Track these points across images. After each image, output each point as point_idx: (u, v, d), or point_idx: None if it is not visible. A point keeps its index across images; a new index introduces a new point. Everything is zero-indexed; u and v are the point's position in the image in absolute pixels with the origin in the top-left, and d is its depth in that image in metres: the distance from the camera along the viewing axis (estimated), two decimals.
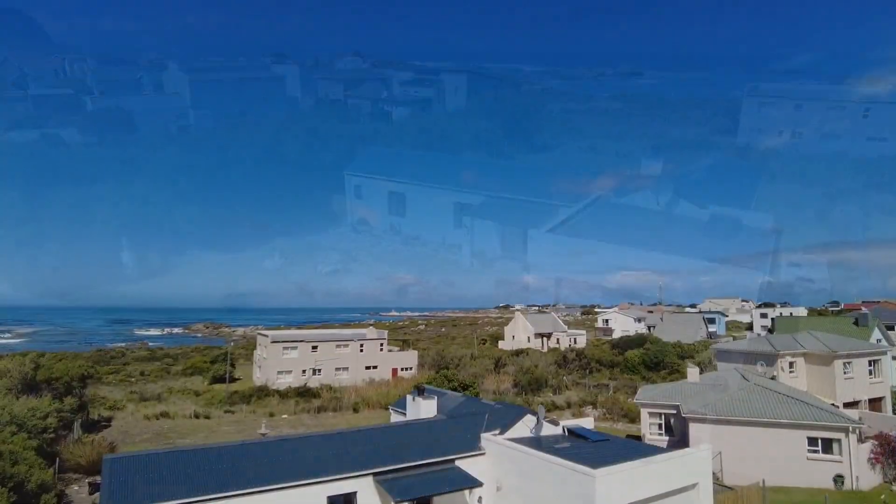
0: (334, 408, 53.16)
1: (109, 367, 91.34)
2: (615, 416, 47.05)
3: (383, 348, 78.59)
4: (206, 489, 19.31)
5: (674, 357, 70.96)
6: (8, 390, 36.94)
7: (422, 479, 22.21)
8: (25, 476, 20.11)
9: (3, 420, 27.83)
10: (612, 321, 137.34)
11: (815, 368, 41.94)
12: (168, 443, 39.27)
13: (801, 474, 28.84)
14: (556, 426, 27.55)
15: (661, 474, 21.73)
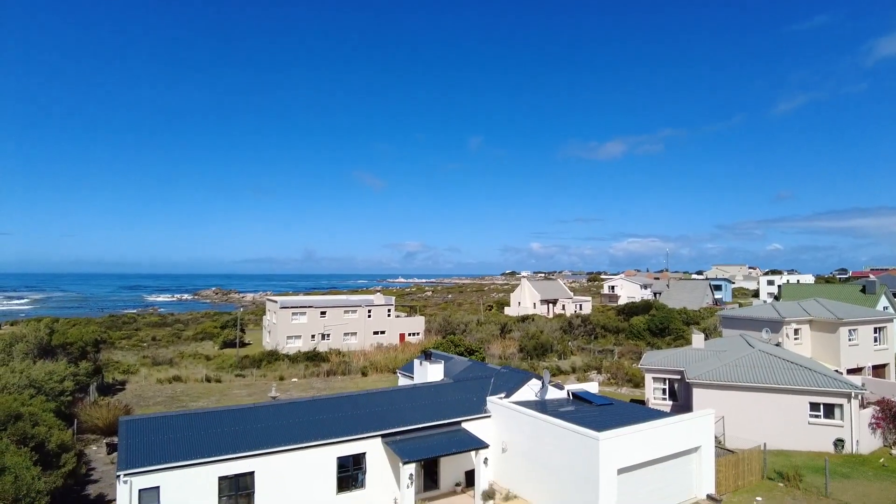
0: (343, 372, 54.12)
1: (122, 332, 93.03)
2: (619, 381, 47.67)
3: (391, 314, 79.41)
4: (219, 450, 19.91)
5: (679, 323, 71.34)
6: (25, 355, 37.80)
7: (429, 441, 22.78)
8: (46, 437, 20.77)
9: (22, 383, 28.60)
10: (618, 288, 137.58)
11: (820, 335, 42.11)
12: (181, 406, 40.26)
13: (801, 438, 29.32)
14: (561, 390, 28.00)
15: (664, 437, 22.16)
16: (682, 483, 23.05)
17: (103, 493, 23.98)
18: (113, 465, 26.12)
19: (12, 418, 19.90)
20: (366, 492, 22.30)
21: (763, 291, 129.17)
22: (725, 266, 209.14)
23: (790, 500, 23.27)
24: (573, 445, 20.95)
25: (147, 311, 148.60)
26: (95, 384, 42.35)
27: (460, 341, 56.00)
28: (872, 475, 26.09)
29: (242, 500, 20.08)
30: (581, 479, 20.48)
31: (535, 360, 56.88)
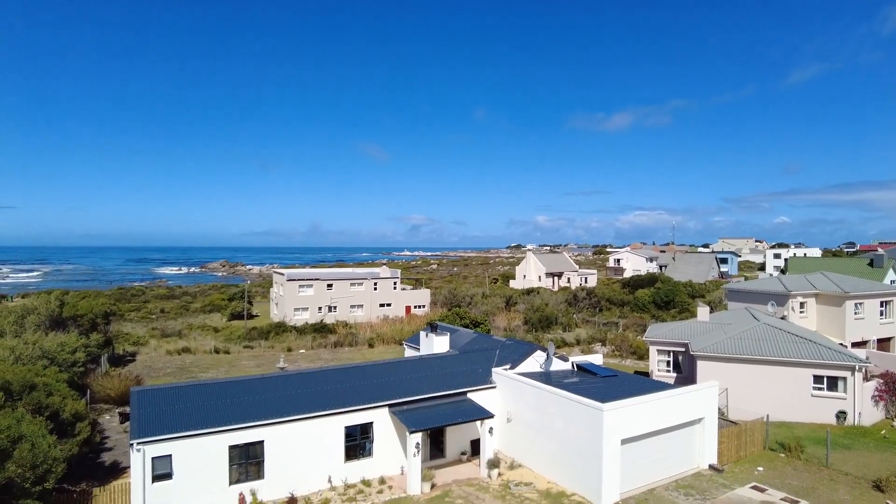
0: (350, 343, 54.70)
1: (131, 304, 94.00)
2: (624, 353, 48.00)
3: (397, 287, 79.80)
4: (228, 420, 20.31)
5: (684, 296, 71.39)
6: (37, 327, 38.32)
7: (435, 411, 23.13)
8: (60, 406, 21.19)
9: (35, 354, 29.06)
10: (623, 261, 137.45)
11: (826, 309, 42.10)
12: (191, 376, 40.90)
13: (804, 410, 29.57)
14: (566, 362, 28.24)
15: (668, 409, 22.41)
16: (685, 453, 23.40)
17: (118, 461, 24.59)
18: (126, 433, 26.70)
19: (27, 388, 20.30)
20: (373, 460, 22.77)
21: (769, 265, 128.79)
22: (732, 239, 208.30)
23: (791, 471, 23.60)
24: (577, 416, 21.22)
25: (155, 284, 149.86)
26: (106, 355, 43.02)
27: (466, 314, 56.33)
28: (873, 446, 26.37)
29: (252, 468, 20.56)
30: (585, 449, 20.82)
31: (539, 333, 57.25)
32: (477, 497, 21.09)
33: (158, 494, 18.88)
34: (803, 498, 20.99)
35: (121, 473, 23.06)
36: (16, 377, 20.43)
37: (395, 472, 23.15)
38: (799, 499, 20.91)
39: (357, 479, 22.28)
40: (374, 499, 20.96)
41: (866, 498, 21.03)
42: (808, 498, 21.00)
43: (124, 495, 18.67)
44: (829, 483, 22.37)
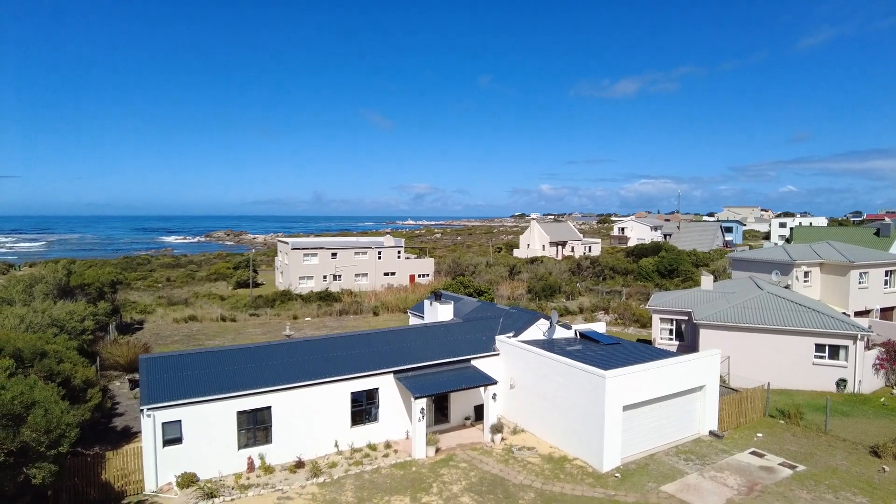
0: (355, 311, 55.15)
1: (137, 273, 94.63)
2: (627, 322, 48.28)
3: (401, 256, 79.99)
4: (236, 386, 20.66)
5: (688, 265, 71.37)
6: (45, 295, 38.72)
7: (439, 377, 23.45)
8: (71, 373, 21.56)
9: (45, 322, 29.44)
10: (627, 229, 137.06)
11: (830, 278, 42.06)
12: (198, 344, 41.44)
13: (805, 378, 29.85)
14: (569, 330, 28.45)
15: (670, 376, 22.65)
16: (686, 420, 23.75)
17: (129, 426, 25.13)
18: (136, 399, 27.22)
19: (38, 355, 20.63)
20: (379, 425, 23.21)
21: (774, 234, 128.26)
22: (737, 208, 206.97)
23: (790, 437, 23.96)
24: (580, 383, 21.49)
25: (161, 253, 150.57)
26: (114, 323, 43.56)
27: (469, 283, 56.60)
28: (872, 413, 26.69)
29: (260, 433, 20.99)
30: (587, 415, 21.14)
31: (543, 301, 57.54)
32: (480, 461, 21.55)
33: (169, 458, 19.36)
34: (801, 463, 21.37)
35: (132, 438, 23.61)
36: (27, 345, 20.74)
37: (400, 436, 23.62)
38: (797, 464, 21.29)
39: (363, 443, 22.76)
40: (380, 462, 21.44)
41: (863, 463, 21.39)
42: (806, 463, 21.38)
43: (136, 459, 19.15)
44: (827, 449, 22.73)
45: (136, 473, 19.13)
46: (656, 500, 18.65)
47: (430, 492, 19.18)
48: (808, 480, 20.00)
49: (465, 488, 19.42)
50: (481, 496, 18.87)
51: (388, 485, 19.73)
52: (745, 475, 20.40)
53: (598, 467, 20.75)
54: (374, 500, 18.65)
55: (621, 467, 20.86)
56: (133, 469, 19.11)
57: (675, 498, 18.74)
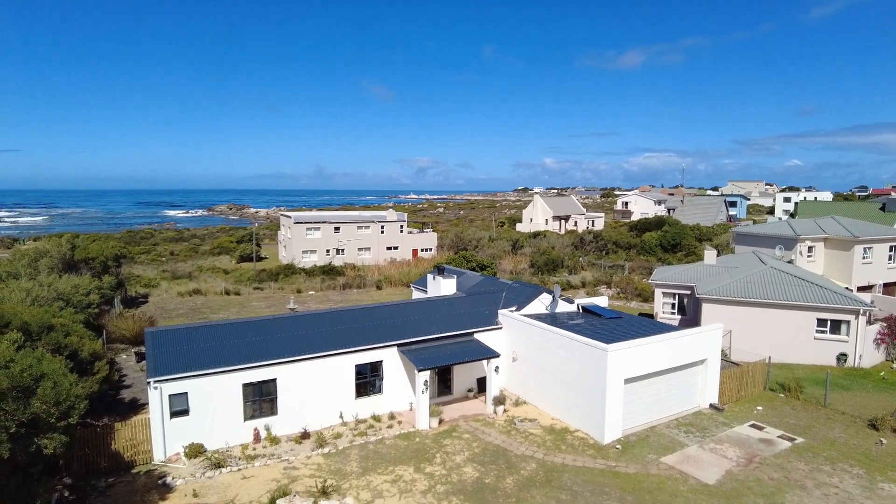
0: (358, 285, 55.38)
1: (140, 247, 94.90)
2: (629, 296, 48.41)
3: (403, 230, 79.94)
4: (241, 359, 20.87)
5: (692, 239, 71.23)
6: (50, 269, 38.89)
7: (443, 350, 23.66)
8: (78, 346, 21.77)
9: (51, 296, 29.61)
10: (631, 204, 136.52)
11: (834, 253, 41.96)
12: (203, 317, 41.76)
13: (806, 353, 30.01)
14: (571, 304, 28.56)
15: (671, 350, 22.79)
16: (687, 393, 23.98)
17: (137, 398, 25.50)
18: (143, 372, 27.55)
19: (45, 329, 20.81)
20: (383, 397, 23.51)
21: (779, 208, 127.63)
22: (742, 182, 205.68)
23: (789, 410, 24.20)
24: (582, 356, 21.65)
25: (164, 227, 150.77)
26: (119, 297, 43.85)
27: (472, 257, 56.63)
28: (872, 387, 26.90)
29: (266, 404, 21.29)
30: (589, 388, 21.35)
31: (545, 276, 57.64)
32: (483, 432, 21.86)
33: (177, 429, 19.69)
34: (800, 435, 21.63)
35: (140, 409, 23.97)
36: (34, 318, 20.91)
37: (404, 408, 23.94)
38: (795, 436, 21.55)
39: (368, 414, 23.09)
40: (384, 433, 21.77)
41: (861, 435, 21.64)
42: (805, 435, 21.64)
43: (145, 430, 19.47)
44: (826, 422, 22.98)
45: (145, 444, 19.48)
46: (656, 471, 18.95)
47: (434, 462, 19.52)
48: (807, 452, 20.27)
49: (468, 458, 19.75)
50: (484, 466, 19.20)
51: (393, 455, 20.07)
52: (744, 447, 20.68)
53: (599, 439, 21.04)
54: (378, 469, 19.00)
55: (622, 439, 21.15)
56: (142, 440, 19.45)
57: (675, 469, 19.03)
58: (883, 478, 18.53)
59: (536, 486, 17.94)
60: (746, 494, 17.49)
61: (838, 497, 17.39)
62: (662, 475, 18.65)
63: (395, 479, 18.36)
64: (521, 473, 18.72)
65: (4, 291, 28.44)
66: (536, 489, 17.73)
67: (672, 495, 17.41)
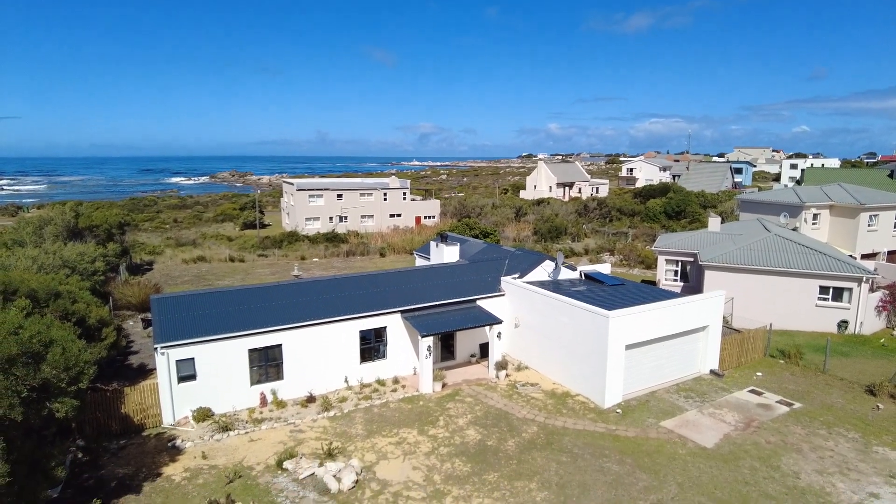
0: (362, 252, 55.55)
1: (144, 214, 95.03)
2: (632, 263, 48.48)
3: (406, 197, 79.68)
4: (247, 325, 21.11)
5: (696, 206, 70.87)
6: (55, 237, 39.06)
7: (446, 317, 23.87)
8: (85, 313, 22.02)
9: (56, 263, 29.83)
10: (636, 170, 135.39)
11: (839, 220, 41.74)
12: (207, 284, 42.06)
13: (807, 320, 30.15)
14: (574, 271, 28.63)
15: (673, 317, 22.94)
16: (688, 359, 24.24)
17: (144, 363, 25.92)
18: (149, 338, 27.92)
19: (52, 296, 21.02)
20: (387, 362, 23.86)
21: (785, 175, 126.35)
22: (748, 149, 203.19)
23: (788, 376, 24.47)
24: (584, 322, 21.82)
25: (167, 194, 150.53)
26: (124, 264, 44.12)
27: (475, 224, 56.56)
28: (871, 354, 27.12)
29: (272, 369, 21.63)
30: (590, 354, 21.59)
31: (548, 243, 57.66)
32: (485, 395, 22.23)
33: (184, 394, 20.07)
34: (798, 401, 21.94)
35: (148, 374, 24.40)
36: (41, 285, 21.11)
37: (408, 372, 24.31)
38: (793, 401, 21.86)
39: (372, 379, 23.47)
40: (388, 397, 22.17)
41: (858, 401, 21.93)
42: (803, 401, 21.95)
43: (153, 394, 19.86)
44: (824, 387, 23.27)
45: (154, 408, 19.90)
46: (656, 434, 19.31)
47: (437, 424, 19.91)
48: (804, 417, 20.59)
49: (471, 421, 20.14)
50: (486, 429, 19.59)
51: (397, 418, 20.48)
52: (742, 412, 21.00)
53: (599, 403, 21.38)
54: (382, 432, 19.41)
55: (622, 404, 21.49)
56: (151, 404, 19.86)
57: (673, 433, 19.39)
58: (878, 441, 18.86)
59: (537, 448, 18.33)
60: (743, 457, 17.86)
61: (833, 460, 17.74)
62: (661, 439, 19.02)
63: (400, 442, 18.78)
64: (523, 436, 19.11)
65: (11, 259, 28.65)
66: (537, 451, 18.12)
67: (670, 458, 17.79)
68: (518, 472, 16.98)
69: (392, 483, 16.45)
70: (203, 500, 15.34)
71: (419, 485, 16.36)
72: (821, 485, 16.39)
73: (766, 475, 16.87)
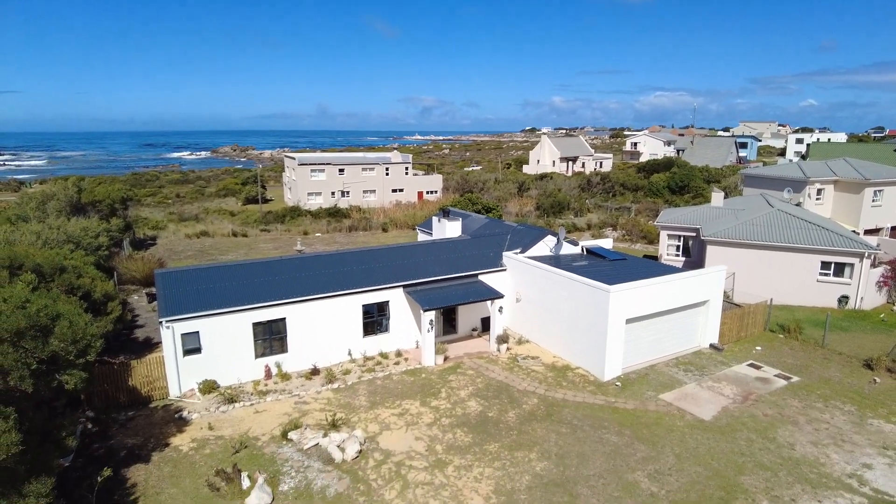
0: (364, 227, 55.62)
1: (146, 189, 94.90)
2: (634, 238, 48.49)
3: (408, 172, 79.32)
4: (251, 299, 21.31)
5: (700, 181, 70.49)
6: (58, 212, 39.16)
7: (447, 291, 24.06)
8: (91, 287, 22.21)
9: (61, 238, 29.97)
10: (640, 144, 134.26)
11: (844, 196, 41.54)
12: (211, 259, 42.27)
13: (808, 295, 30.26)
14: (576, 246, 28.70)
15: (674, 292, 23.06)
16: (688, 333, 24.44)
17: (150, 337, 26.25)
18: (154, 312, 28.22)
19: (58, 270, 21.19)
20: (390, 335, 24.13)
21: (790, 150, 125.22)
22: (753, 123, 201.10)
23: (788, 350, 24.69)
24: (585, 297, 21.98)
25: (169, 169, 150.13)
26: (128, 239, 44.31)
27: (478, 199, 56.43)
28: (870, 329, 27.29)
29: (276, 342, 21.90)
30: (590, 328, 21.79)
31: (551, 218, 57.59)
32: (487, 369, 22.53)
33: (190, 366, 20.38)
34: (796, 374, 22.18)
35: (154, 347, 24.74)
36: (46, 260, 21.27)
37: (410, 346, 24.60)
38: (792, 375, 22.10)
39: (375, 352, 23.78)
40: (391, 370, 22.48)
41: (856, 375, 22.16)
42: (801, 374, 22.19)
43: (159, 367, 20.17)
44: (823, 361, 23.49)
45: (160, 380, 20.24)
46: (654, 407, 19.61)
47: (439, 396, 20.24)
48: (801, 391, 20.85)
49: (472, 393, 20.46)
50: (487, 400, 19.91)
51: (400, 390, 20.81)
52: (741, 385, 21.27)
53: (599, 376, 21.66)
54: (386, 403, 19.74)
55: (622, 377, 21.76)
56: (157, 376, 20.19)
57: (672, 406, 19.68)
58: (873, 414, 19.13)
59: (538, 419, 18.65)
60: (740, 429, 18.15)
61: (828, 432, 18.03)
62: (660, 411, 19.31)
63: (402, 413, 19.11)
64: (523, 408, 19.42)
65: (15, 234, 28.80)
66: (537, 422, 18.44)
67: (668, 430, 18.09)
68: (518, 443, 17.32)
69: (395, 453, 16.81)
70: (210, 470, 15.72)
71: (421, 454, 16.72)
72: (815, 455, 16.70)
73: (762, 446, 17.18)
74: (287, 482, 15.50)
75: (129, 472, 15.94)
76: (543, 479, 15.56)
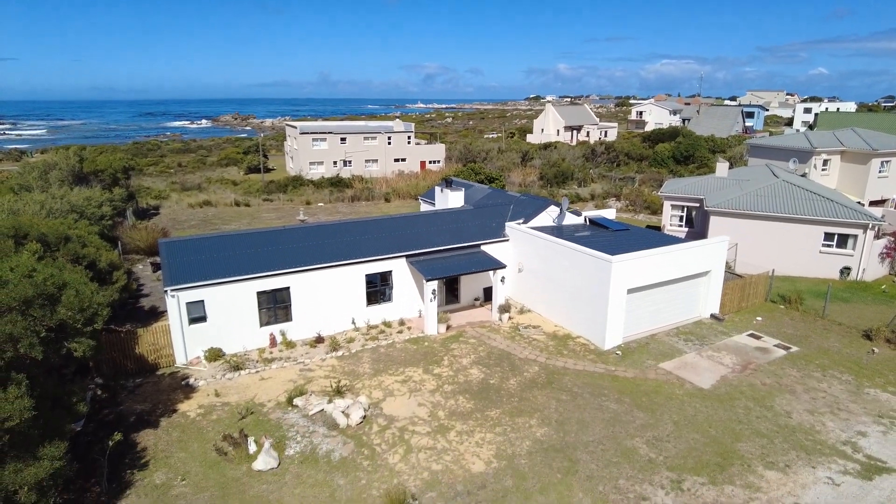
0: (367, 197, 55.50)
1: (148, 159, 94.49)
2: (637, 208, 48.32)
3: (411, 141, 78.71)
4: (255, 268, 21.46)
5: (705, 151, 69.82)
6: (61, 182, 39.12)
7: (450, 261, 24.16)
8: (95, 256, 22.38)
9: (64, 208, 30.05)
10: (646, 113, 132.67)
11: (850, 167, 41.17)
12: (214, 228, 42.37)
13: (810, 266, 30.28)
14: (579, 217, 28.67)
15: (676, 262, 23.12)
16: (689, 303, 24.59)
17: (156, 305, 26.51)
18: (159, 281, 28.43)
19: (63, 240, 21.32)
20: (393, 304, 24.35)
21: (798, 120, 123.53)
22: (761, 92, 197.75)
23: (788, 321, 24.86)
24: (587, 267, 22.07)
25: (170, 138, 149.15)
26: (131, 209, 44.35)
27: (481, 169, 56.17)
28: (871, 300, 27.39)
29: (281, 311, 22.13)
30: (592, 298, 21.94)
31: (554, 188, 57.33)
32: (489, 337, 22.78)
33: (196, 335, 20.66)
34: (795, 345, 22.38)
35: (160, 316, 25.01)
36: (50, 230, 21.38)
37: (413, 315, 24.84)
38: (791, 345, 22.31)
39: (378, 321, 24.02)
40: (394, 338, 22.76)
41: (854, 345, 22.36)
42: (800, 345, 22.39)
43: (165, 335, 20.45)
44: (822, 332, 23.67)
45: (167, 349, 20.53)
46: (654, 375, 19.88)
47: (442, 364, 20.54)
48: (800, 360, 21.07)
49: (474, 361, 20.75)
50: (489, 368, 20.20)
51: (403, 357, 21.11)
52: (740, 355, 21.50)
53: (600, 345, 21.90)
54: (389, 371, 20.06)
55: (622, 346, 22.00)
56: (163, 344, 20.48)
57: (672, 374, 19.94)
58: (870, 384, 19.37)
59: (538, 386, 18.95)
60: (738, 398, 18.43)
61: (825, 400, 18.29)
62: (660, 379, 19.59)
63: (406, 380, 19.43)
64: (524, 375, 19.71)
65: (19, 204, 28.87)
66: (538, 390, 18.74)
67: (667, 398, 18.38)
68: (519, 409, 17.64)
69: (398, 418, 17.15)
70: (217, 435, 16.09)
71: (424, 420, 17.06)
72: (811, 423, 16.98)
73: (759, 415, 17.46)
74: (293, 447, 15.87)
75: (139, 436, 16.33)
76: (544, 445, 15.90)
